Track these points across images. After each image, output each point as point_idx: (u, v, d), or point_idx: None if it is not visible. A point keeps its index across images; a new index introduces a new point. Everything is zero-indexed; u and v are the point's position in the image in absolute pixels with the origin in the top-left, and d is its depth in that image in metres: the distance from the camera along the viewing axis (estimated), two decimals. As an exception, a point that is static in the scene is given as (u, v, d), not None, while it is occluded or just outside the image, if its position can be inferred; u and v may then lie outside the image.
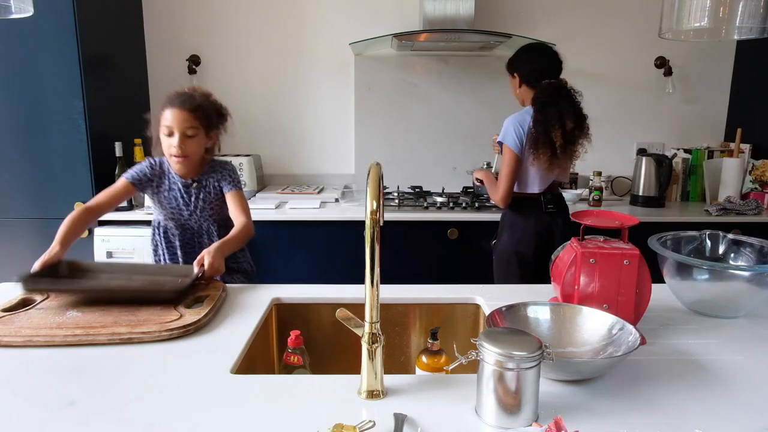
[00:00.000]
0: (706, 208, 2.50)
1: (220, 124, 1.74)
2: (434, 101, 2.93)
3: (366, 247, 0.85)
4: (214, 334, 1.13)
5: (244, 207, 1.71)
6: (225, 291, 1.36)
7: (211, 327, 1.17)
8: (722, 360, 1.02)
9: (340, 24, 2.87)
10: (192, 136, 1.62)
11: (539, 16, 2.87)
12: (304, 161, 3.03)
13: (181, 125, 1.59)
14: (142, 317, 1.15)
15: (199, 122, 1.63)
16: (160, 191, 1.71)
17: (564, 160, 1.94)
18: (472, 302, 1.38)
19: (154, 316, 1.16)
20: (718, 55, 2.94)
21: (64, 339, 1.07)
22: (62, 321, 1.14)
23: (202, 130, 1.65)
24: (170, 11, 2.85)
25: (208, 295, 1.31)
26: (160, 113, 1.63)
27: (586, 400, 0.87)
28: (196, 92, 1.67)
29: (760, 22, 1.40)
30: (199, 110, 1.63)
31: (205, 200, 1.72)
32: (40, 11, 1.67)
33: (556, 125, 1.89)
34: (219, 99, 1.74)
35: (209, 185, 1.73)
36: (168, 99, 1.63)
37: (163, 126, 1.61)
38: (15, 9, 1.33)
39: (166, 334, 1.10)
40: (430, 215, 2.39)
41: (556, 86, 1.95)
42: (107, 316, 1.16)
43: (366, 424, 0.78)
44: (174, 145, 1.60)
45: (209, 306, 1.23)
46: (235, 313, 1.25)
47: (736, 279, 1.19)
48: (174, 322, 1.13)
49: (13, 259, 2.41)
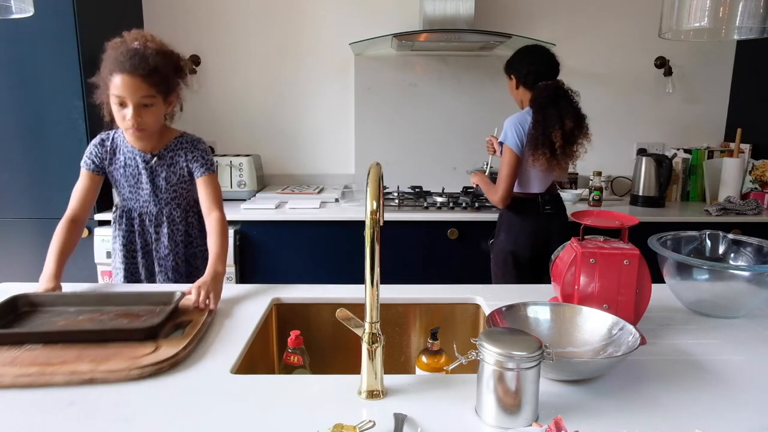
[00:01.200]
0: (706, 208, 2.50)
1: (179, 81, 1.50)
2: (434, 101, 2.93)
3: (366, 247, 0.85)
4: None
5: (217, 196, 1.52)
6: (212, 315, 1.20)
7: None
8: (722, 360, 1.02)
9: (340, 24, 2.87)
10: (149, 105, 1.40)
11: (539, 16, 2.87)
12: (304, 161, 3.03)
13: (135, 95, 1.36)
14: (111, 350, 0.99)
15: (155, 89, 1.39)
16: (115, 168, 1.51)
17: (564, 160, 1.95)
18: (472, 302, 1.38)
19: (126, 349, 1.00)
20: (718, 55, 2.94)
21: (14, 380, 0.91)
22: (17, 356, 0.97)
23: (160, 97, 1.42)
24: (170, 11, 2.85)
25: (191, 320, 1.14)
26: (109, 78, 1.38)
27: (586, 400, 0.87)
28: (147, 48, 1.40)
29: (760, 22, 1.40)
30: (155, 74, 1.38)
31: (168, 180, 1.52)
32: (40, 11, 1.67)
33: (556, 125, 1.90)
34: (172, 48, 1.48)
35: (176, 164, 1.51)
36: (116, 60, 1.36)
37: (113, 95, 1.38)
38: (15, 9, 1.33)
39: (136, 373, 0.93)
40: (430, 215, 2.39)
41: (554, 87, 1.96)
42: (70, 350, 1.00)
43: (366, 424, 0.78)
44: (129, 117, 1.38)
45: (190, 335, 1.06)
46: (235, 313, 1.24)
47: (736, 279, 1.19)
48: (147, 357, 0.97)
49: (13, 259, 2.41)
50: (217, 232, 1.44)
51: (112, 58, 1.37)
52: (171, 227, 1.57)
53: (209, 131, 2.94)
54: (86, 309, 1.20)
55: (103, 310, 1.20)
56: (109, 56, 1.39)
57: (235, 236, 2.34)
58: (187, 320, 1.14)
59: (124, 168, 1.50)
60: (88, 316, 1.17)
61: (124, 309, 1.20)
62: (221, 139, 2.97)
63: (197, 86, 2.89)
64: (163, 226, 1.56)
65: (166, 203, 1.55)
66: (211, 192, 1.50)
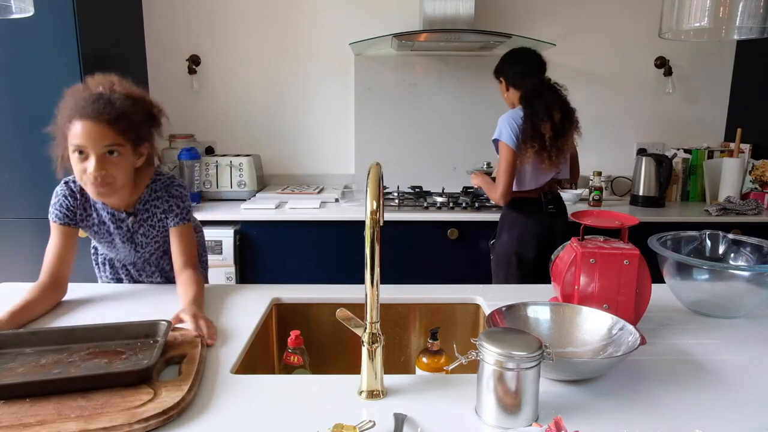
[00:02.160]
0: (706, 208, 2.50)
1: (152, 129, 1.30)
2: (434, 101, 2.93)
3: (366, 247, 0.85)
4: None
5: (192, 251, 1.35)
6: (203, 346, 1.02)
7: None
8: (722, 360, 1.02)
9: (340, 24, 2.87)
10: (115, 154, 1.19)
11: (539, 16, 2.87)
12: (304, 161, 3.03)
13: (98, 144, 1.16)
14: (97, 401, 0.80)
15: (123, 137, 1.19)
16: (87, 225, 1.34)
17: (556, 153, 1.95)
18: (472, 302, 1.38)
19: (115, 398, 0.81)
20: (718, 55, 2.94)
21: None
22: None
23: (129, 146, 1.22)
24: (170, 11, 2.85)
25: (185, 354, 0.96)
26: (67, 126, 1.18)
27: (586, 400, 0.87)
28: (114, 92, 1.21)
29: (760, 22, 1.40)
30: (123, 120, 1.18)
31: (148, 235, 1.36)
32: (40, 11, 1.67)
33: (544, 117, 1.93)
34: (143, 93, 1.28)
35: (153, 216, 1.34)
36: (77, 106, 1.17)
37: (72, 144, 1.17)
38: (15, 9, 1.33)
39: (140, 428, 0.75)
40: (430, 215, 2.39)
41: (539, 80, 2.01)
42: (43, 405, 0.79)
43: (366, 424, 0.78)
44: (90, 171, 1.17)
45: (191, 375, 0.89)
46: (235, 313, 1.24)
47: (736, 279, 1.19)
48: (146, 406, 0.79)
49: (13, 259, 2.41)
50: (193, 282, 1.27)
51: (71, 104, 1.19)
52: (161, 268, 1.47)
53: (209, 131, 2.94)
54: (48, 349, 0.98)
55: (71, 348, 0.98)
56: (68, 102, 1.20)
57: (235, 236, 2.34)
58: (179, 354, 0.97)
59: (99, 225, 1.33)
60: (53, 358, 0.95)
61: (96, 346, 1.00)
62: (221, 139, 2.97)
63: (197, 86, 2.89)
64: (152, 270, 1.47)
65: (150, 254, 1.42)
66: (184, 246, 1.34)
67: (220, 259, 2.33)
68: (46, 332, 1.03)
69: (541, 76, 2.05)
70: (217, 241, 2.32)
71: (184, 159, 2.60)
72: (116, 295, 1.36)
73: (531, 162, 1.97)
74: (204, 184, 2.67)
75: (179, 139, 2.77)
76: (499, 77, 2.17)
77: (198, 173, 2.65)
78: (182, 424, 0.80)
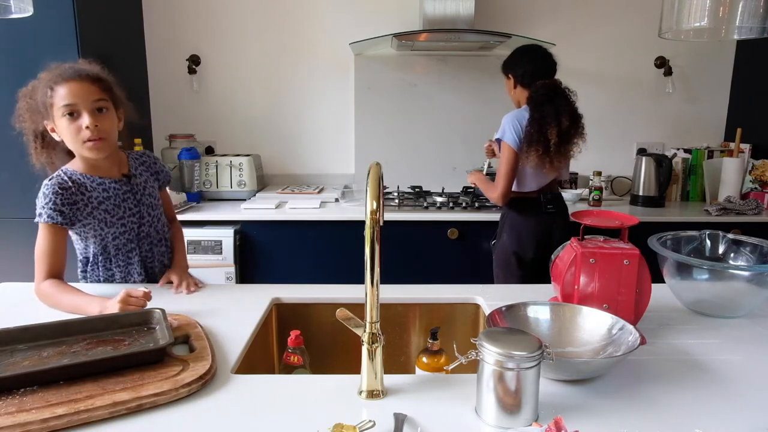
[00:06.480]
0: (706, 208, 2.50)
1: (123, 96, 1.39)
2: (434, 101, 2.93)
3: (366, 247, 0.85)
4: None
5: (172, 206, 1.63)
6: (202, 326, 1.10)
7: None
8: (722, 360, 1.02)
9: (340, 24, 2.87)
10: (104, 110, 1.28)
11: (539, 16, 2.87)
12: (304, 161, 3.03)
13: (86, 100, 1.25)
14: (134, 376, 0.87)
15: (107, 94, 1.30)
16: (89, 211, 1.33)
17: (557, 158, 1.94)
18: (472, 302, 1.38)
19: (150, 372, 0.89)
20: (718, 55, 2.94)
21: (42, 426, 0.74)
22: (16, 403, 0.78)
23: (112, 106, 1.31)
24: (170, 11, 2.85)
25: (188, 334, 1.05)
26: (50, 94, 1.25)
27: (586, 400, 0.87)
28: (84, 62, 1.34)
29: (760, 22, 1.40)
30: (102, 80, 1.30)
31: (153, 196, 1.46)
32: (40, 11, 1.67)
33: (552, 123, 1.90)
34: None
35: (147, 182, 1.45)
36: (58, 75, 1.26)
37: (60, 107, 1.24)
38: (15, 9, 1.34)
39: (185, 391, 0.85)
40: (430, 215, 2.39)
41: (552, 85, 1.96)
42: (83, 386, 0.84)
43: (366, 424, 0.78)
44: (86, 125, 1.24)
45: (206, 348, 0.99)
46: (235, 313, 1.24)
47: (736, 279, 1.19)
48: (182, 374, 0.88)
49: (13, 259, 2.41)
50: (181, 236, 1.57)
51: (48, 78, 1.26)
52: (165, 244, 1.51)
53: (209, 131, 2.94)
54: (43, 344, 0.99)
55: (67, 341, 1.00)
56: (44, 78, 1.27)
57: (235, 236, 2.34)
58: (182, 335, 1.05)
59: (105, 203, 1.35)
60: (54, 351, 0.97)
61: (92, 337, 1.03)
62: (221, 139, 2.97)
63: (197, 86, 2.89)
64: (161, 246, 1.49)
65: (157, 219, 1.47)
66: (170, 201, 1.59)
67: (220, 259, 2.33)
68: (38, 327, 1.03)
69: (552, 77, 2.01)
70: (217, 241, 2.32)
71: (184, 159, 2.60)
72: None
73: (533, 165, 1.96)
74: (204, 184, 2.67)
75: (179, 139, 2.77)
76: (507, 74, 2.10)
77: (198, 173, 2.65)
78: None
